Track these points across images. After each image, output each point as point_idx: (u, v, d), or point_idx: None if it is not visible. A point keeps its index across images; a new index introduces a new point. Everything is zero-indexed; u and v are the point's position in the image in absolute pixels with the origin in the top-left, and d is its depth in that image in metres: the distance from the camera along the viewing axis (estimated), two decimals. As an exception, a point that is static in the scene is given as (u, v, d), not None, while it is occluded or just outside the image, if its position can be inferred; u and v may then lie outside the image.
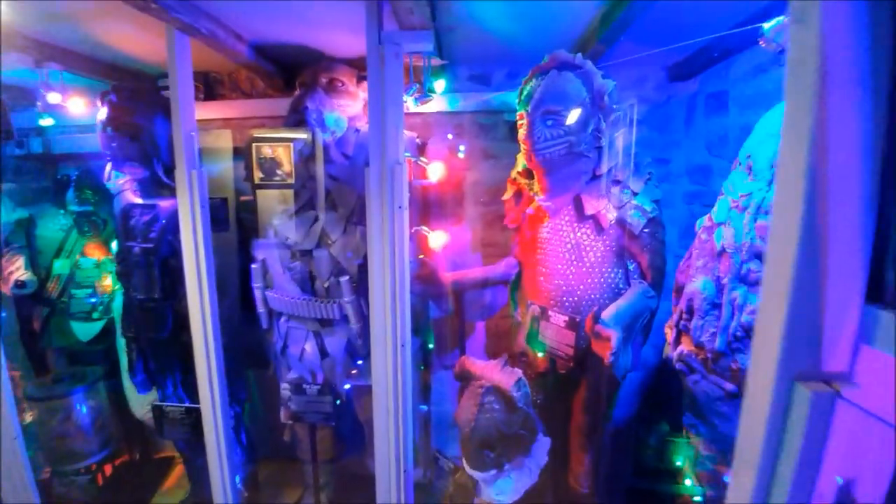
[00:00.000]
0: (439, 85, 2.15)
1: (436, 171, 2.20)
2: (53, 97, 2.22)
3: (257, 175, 2.24)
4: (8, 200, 2.67)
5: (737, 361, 1.45)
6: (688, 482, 2.64)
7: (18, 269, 2.58)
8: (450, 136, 2.56)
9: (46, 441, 2.43)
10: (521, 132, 1.83)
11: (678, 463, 2.73)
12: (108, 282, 2.68)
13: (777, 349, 0.82)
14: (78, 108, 2.33)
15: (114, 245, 2.61)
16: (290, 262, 2.18)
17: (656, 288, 1.93)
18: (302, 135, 2.19)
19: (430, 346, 2.68)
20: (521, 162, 2.05)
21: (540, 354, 2.05)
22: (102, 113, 2.14)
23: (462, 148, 2.56)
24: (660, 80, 2.55)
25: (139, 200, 2.27)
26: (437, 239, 2.09)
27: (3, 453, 2.15)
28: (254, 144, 2.22)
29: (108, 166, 2.27)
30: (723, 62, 2.30)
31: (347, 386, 2.23)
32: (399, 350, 1.95)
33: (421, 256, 2.27)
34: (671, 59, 2.48)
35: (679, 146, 2.60)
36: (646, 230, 1.87)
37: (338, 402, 2.17)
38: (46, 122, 2.33)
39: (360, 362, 2.21)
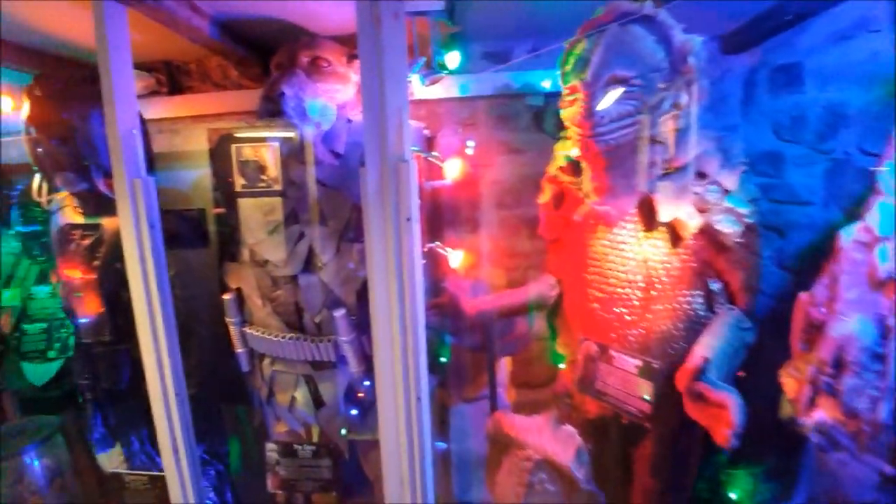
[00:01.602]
0: (452, 59, 1.51)
1: (453, 170, 1.57)
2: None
3: (238, 182, 1.64)
4: (-54, 222, 2.04)
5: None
6: (745, 516, 2.09)
7: (-42, 304, 1.96)
8: (461, 129, 1.93)
9: (-7, 511, 1.82)
10: (572, 111, 1.20)
11: (733, 496, 2.18)
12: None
13: None
14: (5, 108, 1.69)
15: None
16: (272, 291, 1.56)
17: (751, 316, 1.32)
18: (288, 133, 1.58)
19: (443, 359, 2.07)
20: (563, 154, 1.43)
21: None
22: (25, 111, 1.51)
23: (472, 143, 1.92)
24: (711, 52, 1.91)
25: (80, 219, 1.64)
26: (457, 259, 1.48)
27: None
28: (233, 146, 1.62)
29: (37, 178, 1.64)
30: (791, 30, 1.70)
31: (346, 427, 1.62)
32: (414, 405, 1.34)
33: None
34: (727, 26, 1.86)
35: (736, 129, 1.97)
36: (740, 241, 1.25)
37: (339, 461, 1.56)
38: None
39: (354, 412, 1.60)
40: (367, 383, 1.58)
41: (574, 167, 1.38)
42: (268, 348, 1.58)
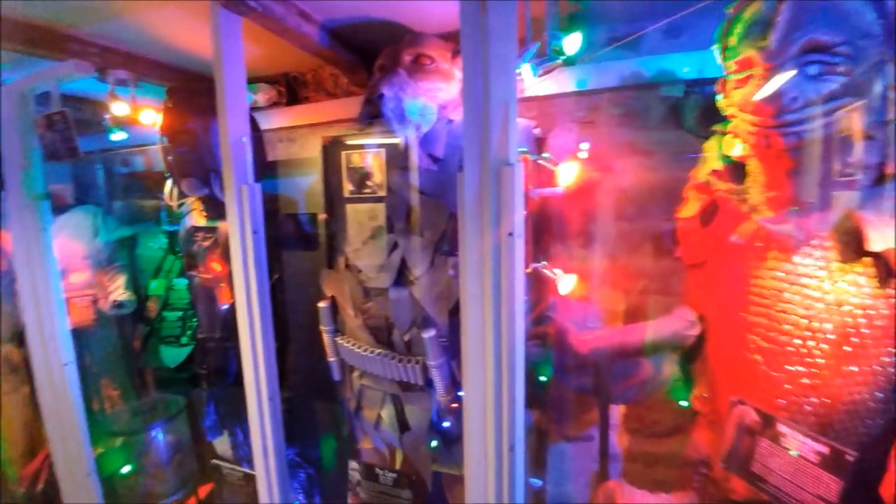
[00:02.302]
0: (572, 42, 1.23)
1: (567, 175, 1.29)
2: (120, 108, 1.72)
3: (346, 187, 1.58)
4: (112, 219, 2.32)
5: None
6: None
7: (118, 289, 2.21)
8: (578, 126, 1.63)
9: (120, 480, 1.99)
10: (744, 93, 0.86)
11: None
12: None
13: None
14: (150, 119, 1.83)
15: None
16: (364, 302, 1.44)
17: None
18: (393, 138, 1.46)
19: (543, 378, 1.78)
20: (719, 154, 1.07)
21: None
22: (159, 121, 1.60)
23: (588, 144, 1.61)
24: None
25: (203, 222, 1.70)
26: (568, 284, 1.20)
27: (77, 491, 1.73)
28: (343, 152, 1.57)
29: (168, 183, 1.74)
30: None
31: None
32: (506, 454, 1.10)
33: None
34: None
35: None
36: None
37: (421, 493, 1.39)
38: (118, 136, 1.86)
39: (445, 424, 1.40)
40: (454, 409, 1.38)
41: (735, 171, 1.01)
42: (356, 361, 1.47)
